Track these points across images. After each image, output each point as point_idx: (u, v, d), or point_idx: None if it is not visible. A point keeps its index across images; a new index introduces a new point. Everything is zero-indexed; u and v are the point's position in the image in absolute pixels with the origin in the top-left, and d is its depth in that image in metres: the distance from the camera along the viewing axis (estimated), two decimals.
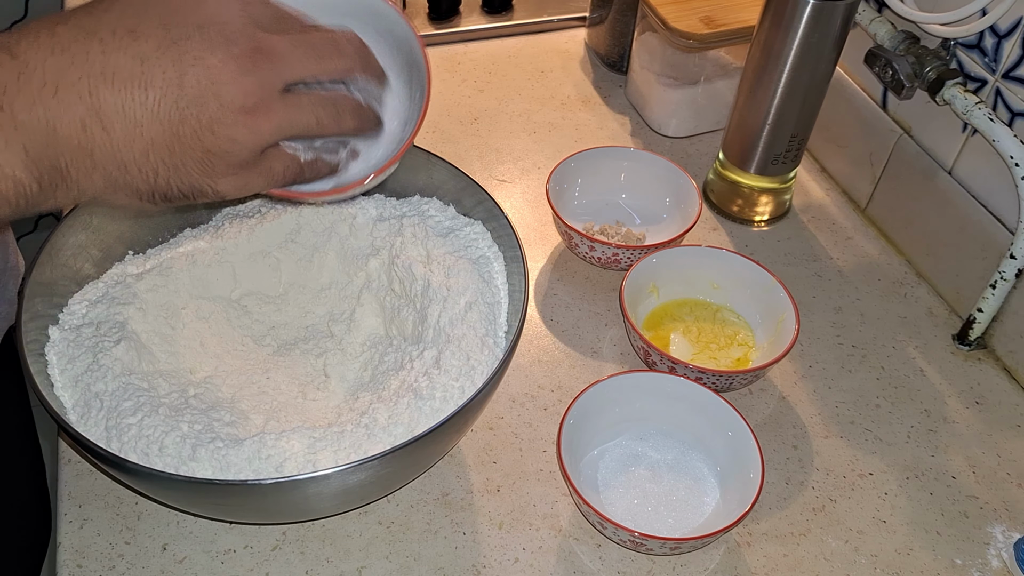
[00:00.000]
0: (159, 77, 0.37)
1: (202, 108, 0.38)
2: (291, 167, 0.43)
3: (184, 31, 0.38)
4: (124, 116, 0.37)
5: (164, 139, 0.38)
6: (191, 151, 0.39)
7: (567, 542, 0.56)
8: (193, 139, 0.38)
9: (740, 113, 0.74)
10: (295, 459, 0.48)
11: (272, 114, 0.40)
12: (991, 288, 0.66)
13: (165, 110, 0.38)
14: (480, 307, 0.56)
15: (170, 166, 0.39)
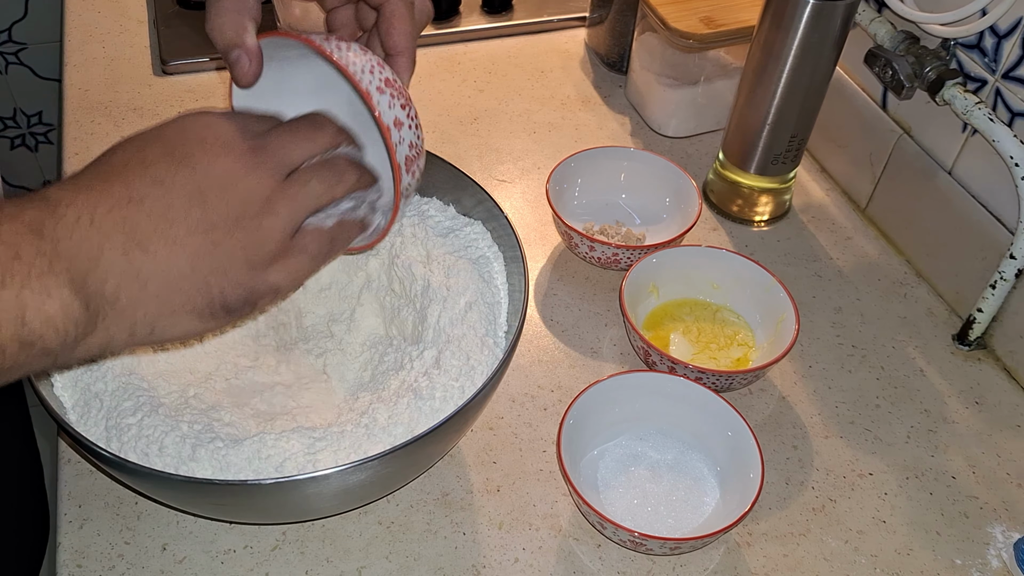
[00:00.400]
0: (180, 193, 0.39)
1: (227, 210, 0.40)
2: (323, 239, 0.45)
3: (187, 149, 0.40)
4: (161, 235, 0.39)
5: (204, 247, 0.40)
6: (231, 251, 0.41)
7: (567, 542, 0.56)
8: (228, 239, 0.40)
9: (740, 113, 0.74)
10: (295, 459, 0.48)
11: (286, 196, 0.42)
12: (991, 288, 0.66)
13: (196, 221, 0.40)
14: (480, 307, 0.56)
15: (219, 272, 0.40)
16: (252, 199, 0.41)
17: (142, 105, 0.86)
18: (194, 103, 0.87)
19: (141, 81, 0.89)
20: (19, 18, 1.34)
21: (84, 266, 0.37)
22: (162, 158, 0.40)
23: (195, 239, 0.40)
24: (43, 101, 1.44)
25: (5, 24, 1.33)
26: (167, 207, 0.39)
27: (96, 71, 0.90)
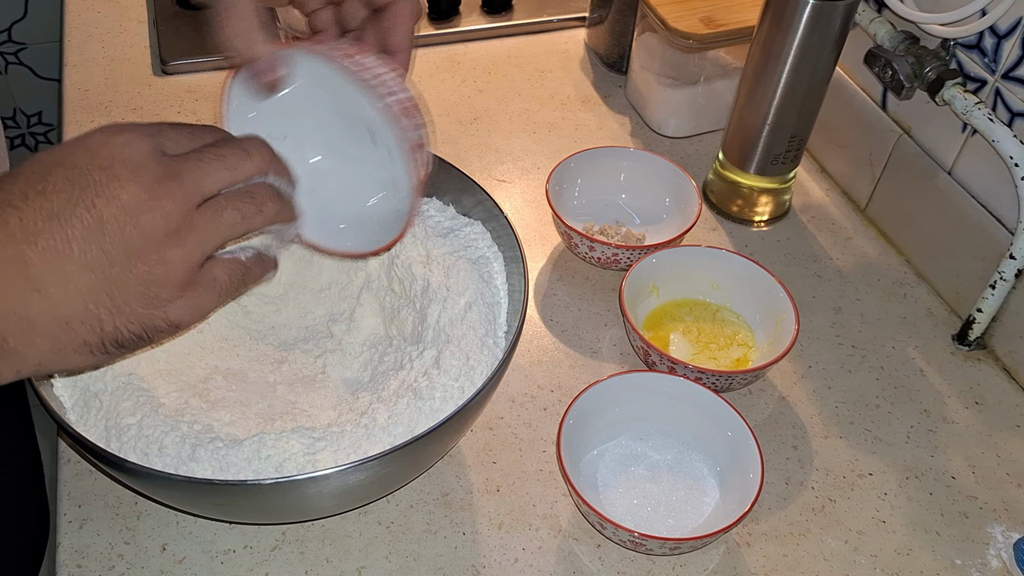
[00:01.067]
0: (78, 227, 0.37)
1: (127, 244, 0.38)
2: (235, 271, 0.43)
3: (91, 177, 0.38)
4: (56, 275, 0.37)
5: (100, 285, 0.38)
6: (130, 287, 0.39)
7: (567, 542, 0.56)
8: (127, 275, 0.38)
9: (740, 113, 0.74)
10: (295, 459, 0.48)
11: (195, 227, 0.40)
12: (991, 288, 0.66)
13: (93, 257, 0.38)
14: (480, 307, 0.56)
15: (113, 309, 0.39)
16: (156, 230, 0.39)
17: (142, 105, 0.86)
18: (194, 103, 0.87)
19: (141, 81, 0.89)
20: (19, 18, 1.34)
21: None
22: (63, 187, 0.38)
23: (91, 276, 0.38)
24: (43, 101, 1.45)
25: (5, 24, 1.33)
26: (64, 243, 0.37)
27: (96, 71, 0.90)
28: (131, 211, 0.38)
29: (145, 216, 0.38)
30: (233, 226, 0.41)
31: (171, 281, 0.40)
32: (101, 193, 0.38)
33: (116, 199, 0.38)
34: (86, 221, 0.37)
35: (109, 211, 0.38)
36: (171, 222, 0.39)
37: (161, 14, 0.95)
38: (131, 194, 0.38)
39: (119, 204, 0.38)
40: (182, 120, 0.84)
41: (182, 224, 0.39)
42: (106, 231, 0.38)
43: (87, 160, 0.38)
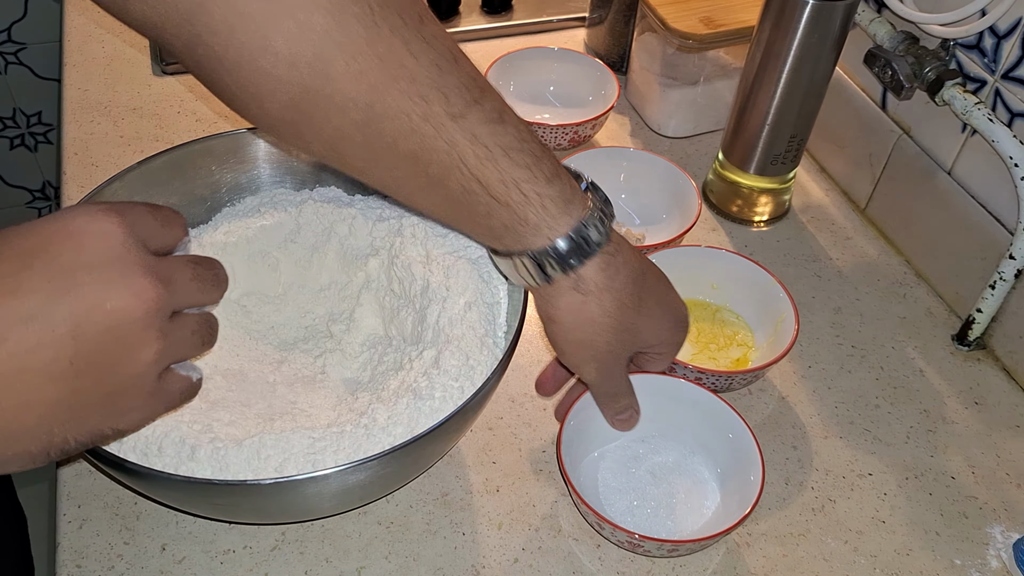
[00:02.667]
0: (48, 335, 0.34)
1: (102, 354, 0.35)
2: (185, 388, 0.41)
3: (72, 279, 0.34)
4: (14, 387, 0.33)
5: (61, 397, 0.35)
6: (93, 400, 0.36)
7: (566, 542, 0.56)
8: (93, 387, 0.36)
9: (739, 113, 0.74)
10: (294, 459, 0.48)
11: (169, 339, 0.38)
12: (990, 288, 0.66)
13: (60, 369, 0.34)
14: (479, 307, 0.56)
15: (67, 421, 0.36)
16: (134, 342, 0.36)
17: (141, 105, 0.86)
18: (193, 103, 0.87)
19: (141, 81, 0.89)
20: (19, 18, 1.34)
21: None
22: (39, 285, 0.34)
23: (52, 388, 0.34)
24: (42, 101, 1.44)
25: (5, 24, 1.33)
26: (31, 351, 0.33)
27: (95, 71, 0.90)
28: (111, 323, 0.35)
29: (125, 328, 0.35)
30: (194, 350, 0.40)
31: (137, 393, 0.37)
32: (83, 298, 0.34)
33: (99, 308, 0.35)
34: (60, 330, 0.34)
35: (89, 320, 0.34)
36: (150, 336, 0.36)
37: None
38: (116, 303, 0.35)
39: (101, 313, 0.35)
40: (182, 119, 0.84)
41: (158, 336, 0.37)
42: (80, 343, 0.34)
43: (71, 255, 0.34)
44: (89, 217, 0.35)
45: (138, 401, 0.38)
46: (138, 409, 0.38)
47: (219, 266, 0.42)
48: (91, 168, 0.79)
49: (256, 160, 0.64)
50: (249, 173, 0.65)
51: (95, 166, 0.79)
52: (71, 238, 0.35)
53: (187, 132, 0.83)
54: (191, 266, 0.39)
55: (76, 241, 0.35)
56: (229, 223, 0.62)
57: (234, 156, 0.64)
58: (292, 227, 0.62)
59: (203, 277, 0.40)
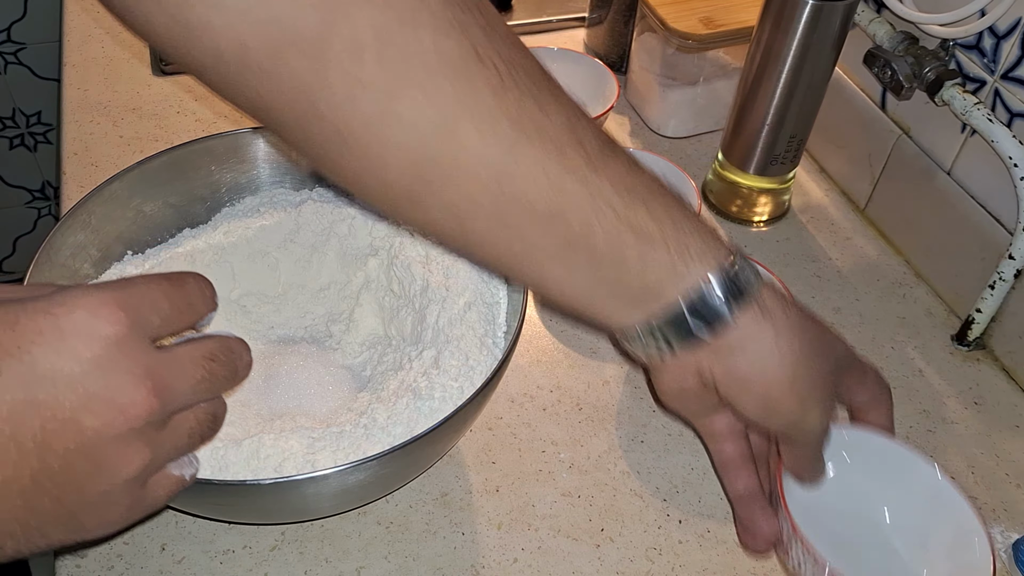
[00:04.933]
0: (11, 447, 0.30)
1: (68, 474, 0.31)
2: (175, 488, 0.37)
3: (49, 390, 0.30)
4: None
5: (14, 516, 0.31)
6: (51, 518, 0.32)
7: (566, 542, 0.56)
8: (54, 507, 0.32)
9: (739, 113, 0.74)
10: (294, 459, 0.48)
11: (157, 451, 0.34)
12: (990, 289, 0.66)
13: (16, 487, 0.30)
14: (479, 307, 0.56)
15: (19, 537, 0.32)
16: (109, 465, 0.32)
17: (141, 105, 0.86)
18: (193, 103, 0.87)
19: (140, 81, 0.89)
20: (18, 18, 1.34)
21: None
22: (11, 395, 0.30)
23: (7, 505, 0.31)
24: (42, 101, 1.45)
25: (4, 24, 1.33)
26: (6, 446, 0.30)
27: (95, 71, 0.90)
28: (86, 440, 0.31)
29: (104, 447, 0.31)
30: (192, 447, 0.36)
31: (110, 509, 0.34)
32: (58, 416, 0.30)
33: (74, 425, 0.31)
34: (24, 447, 0.30)
35: (59, 438, 0.30)
36: (132, 451, 0.32)
37: None
38: (94, 422, 0.31)
39: (75, 431, 0.31)
40: (181, 119, 0.84)
41: (143, 449, 0.33)
42: (46, 458, 0.30)
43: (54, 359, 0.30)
44: (89, 314, 0.31)
45: (110, 515, 0.34)
46: (110, 521, 0.34)
47: (244, 358, 0.38)
48: (91, 168, 0.79)
49: (256, 160, 0.64)
50: (249, 173, 0.65)
51: (95, 166, 0.79)
52: (61, 339, 0.30)
53: (187, 132, 0.83)
54: (204, 364, 0.35)
55: (65, 344, 0.30)
56: (229, 223, 0.62)
57: (234, 156, 0.64)
58: (292, 227, 0.62)
59: (216, 375, 0.36)
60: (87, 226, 0.57)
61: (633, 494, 0.59)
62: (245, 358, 0.38)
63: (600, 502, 0.58)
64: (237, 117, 0.85)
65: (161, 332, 0.34)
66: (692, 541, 0.56)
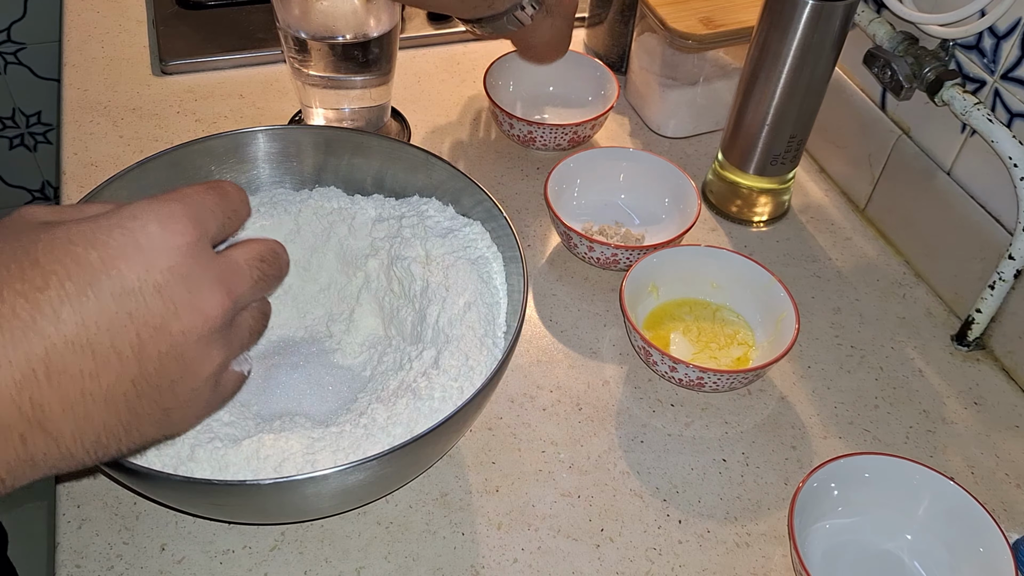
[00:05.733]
0: (114, 363, 0.33)
1: (164, 375, 0.34)
2: (239, 382, 0.40)
3: (140, 302, 0.33)
4: (73, 418, 0.32)
5: (119, 418, 0.34)
6: (151, 418, 0.35)
7: (566, 542, 0.56)
8: (152, 406, 0.35)
9: (739, 114, 0.74)
10: (293, 459, 0.48)
11: (230, 348, 0.37)
12: (990, 289, 0.66)
13: (121, 392, 0.33)
14: (479, 307, 0.56)
15: (123, 437, 0.35)
16: (199, 363, 0.35)
17: (141, 105, 0.86)
18: (193, 103, 0.87)
19: (140, 81, 0.89)
20: (18, 18, 1.34)
21: None
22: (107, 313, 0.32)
23: (112, 411, 0.33)
24: (42, 101, 1.45)
25: (4, 24, 1.33)
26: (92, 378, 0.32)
27: (95, 71, 0.90)
28: (177, 342, 0.34)
29: (191, 347, 0.35)
30: (252, 341, 0.40)
31: (195, 404, 0.37)
32: (150, 322, 0.33)
33: (165, 331, 0.33)
34: (125, 356, 0.33)
35: (154, 343, 0.33)
36: (213, 350, 0.36)
37: (161, 14, 0.95)
38: (183, 324, 0.34)
39: (167, 335, 0.34)
40: (181, 119, 0.84)
41: (221, 348, 0.36)
42: (144, 362, 0.33)
43: (140, 273, 0.33)
44: (160, 227, 0.34)
45: (195, 409, 0.37)
46: (194, 416, 0.38)
47: (284, 258, 0.41)
48: (90, 168, 0.79)
49: (256, 160, 0.64)
50: (249, 173, 0.65)
51: (94, 166, 0.79)
52: (140, 253, 0.33)
53: (187, 132, 0.83)
54: (257, 265, 0.38)
55: (145, 257, 0.33)
56: None
57: (234, 156, 0.64)
58: (291, 227, 0.62)
59: (267, 275, 0.39)
60: None
61: (633, 494, 0.59)
62: (285, 257, 0.41)
63: (600, 502, 0.58)
64: (237, 117, 0.85)
65: (217, 238, 0.37)
66: (692, 541, 0.56)
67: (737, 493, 0.59)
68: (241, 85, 0.89)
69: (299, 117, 0.83)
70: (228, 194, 0.38)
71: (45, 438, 0.32)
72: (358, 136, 0.64)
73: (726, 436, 0.62)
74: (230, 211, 0.37)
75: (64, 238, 0.32)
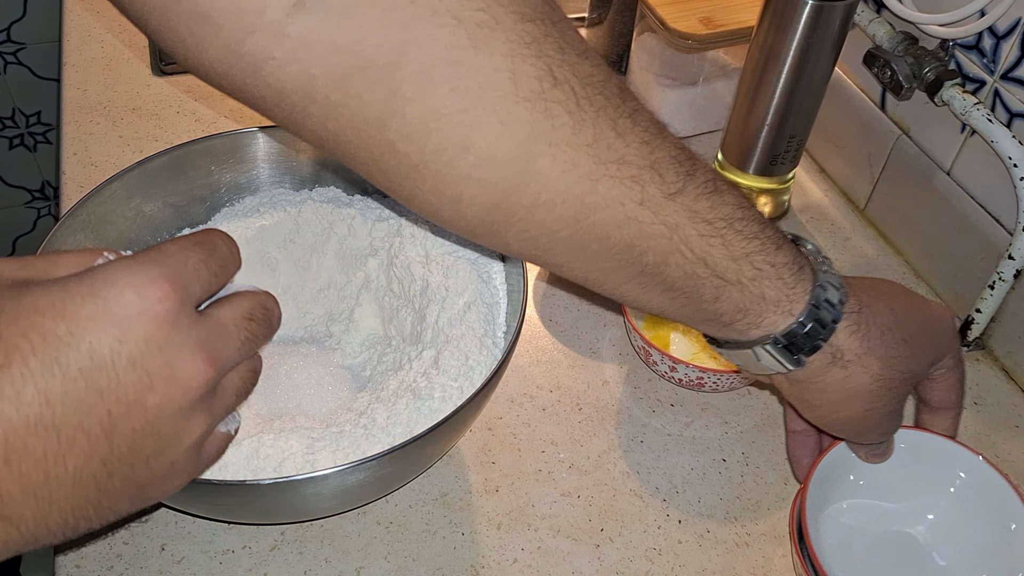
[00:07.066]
0: (81, 443, 0.30)
1: (138, 452, 0.32)
2: (223, 446, 0.38)
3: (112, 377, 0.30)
4: (37, 502, 0.30)
5: (87, 500, 0.31)
6: (122, 495, 0.33)
7: (566, 542, 0.56)
8: (125, 485, 0.32)
9: (739, 114, 0.74)
10: (293, 459, 0.48)
11: (214, 415, 0.35)
12: (989, 289, 0.66)
13: (88, 473, 0.31)
14: (479, 307, 0.56)
15: (92, 516, 0.32)
16: (176, 439, 0.33)
17: (141, 105, 0.86)
18: (193, 103, 0.87)
19: (140, 81, 0.89)
20: (18, 18, 1.34)
21: None
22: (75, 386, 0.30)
23: (80, 492, 0.31)
24: (42, 101, 1.44)
25: (4, 24, 1.33)
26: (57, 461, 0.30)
27: (95, 71, 0.90)
28: (153, 417, 0.32)
29: (169, 420, 0.32)
30: (238, 402, 0.37)
31: (174, 476, 0.34)
32: (123, 399, 0.30)
33: (140, 406, 0.31)
34: (94, 435, 0.30)
35: (126, 421, 0.31)
36: (194, 421, 0.33)
37: None
38: (159, 398, 0.31)
39: (141, 411, 0.31)
40: (181, 119, 0.84)
41: (203, 417, 0.34)
42: (116, 442, 0.31)
43: (112, 345, 0.30)
44: (137, 294, 0.31)
45: (175, 481, 0.35)
46: (173, 487, 0.35)
47: (276, 312, 0.38)
48: (90, 168, 0.79)
49: (255, 160, 0.64)
50: (248, 173, 0.65)
51: (94, 166, 0.79)
52: (113, 324, 0.30)
53: (186, 132, 0.83)
54: (245, 326, 0.35)
55: (119, 329, 0.30)
56: (228, 223, 0.62)
57: (233, 156, 0.64)
58: (291, 227, 0.62)
59: (256, 335, 0.36)
60: (87, 226, 0.57)
61: (633, 494, 0.59)
62: (277, 312, 0.38)
63: (600, 502, 0.58)
64: (237, 117, 0.85)
65: (202, 298, 0.34)
66: (692, 541, 0.56)
67: (737, 493, 0.59)
68: None
69: None
70: (215, 249, 0.35)
71: (4, 524, 0.30)
72: None
73: (726, 436, 0.62)
74: (216, 267, 0.34)
75: (30, 307, 0.29)
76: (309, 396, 0.57)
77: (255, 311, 0.36)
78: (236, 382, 0.36)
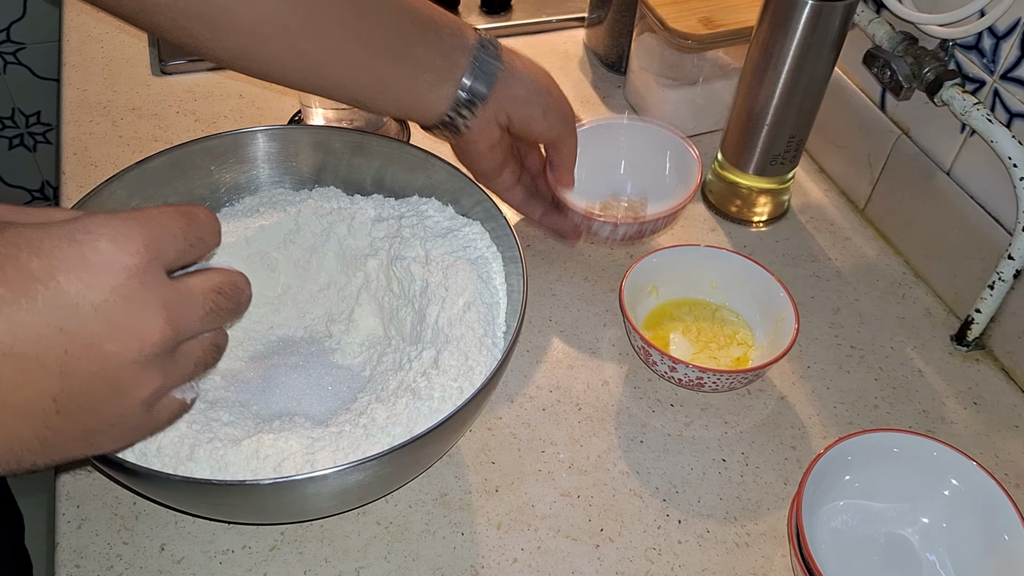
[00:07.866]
0: (36, 373, 0.31)
1: (88, 396, 0.33)
2: (177, 411, 0.38)
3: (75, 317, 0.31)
4: None
5: (34, 433, 0.32)
6: (68, 435, 0.33)
7: (566, 542, 0.56)
8: (72, 426, 0.33)
9: (738, 114, 0.74)
10: (293, 459, 0.48)
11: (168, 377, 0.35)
12: (989, 289, 0.66)
13: (39, 407, 0.32)
14: (478, 307, 0.56)
15: (37, 451, 0.33)
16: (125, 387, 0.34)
17: (141, 105, 0.86)
18: (192, 103, 0.87)
19: (140, 81, 0.89)
20: (18, 18, 1.34)
21: None
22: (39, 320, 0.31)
23: (28, 424, 0.32)
24: (41, 101, 1.44)
25: (4, 24, 1.33)
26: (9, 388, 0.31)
27: (95, 71, 0.90)
28: (107, 364, 0.32)
29: (122, 370, 0.33)
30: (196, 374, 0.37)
31: (121, 428, 0.35)
32: (81, 339, 0.31)
33: (96, 349, 0.32)
34: (50, 370, 0.31)
35: (82, 360, 0.32)
36: (147, 376, 0.34)
37: None
38: (115, 346, 0.32)
39: (97, 355, 0.32)
40: (181, 119, 0.84)
41: (156, 375, 0.34)
42: (69, 382, 0.32)
43: (81, 288, 0.31)
44: (112, 244, 0.32)
45: (121, 433, 0.36)
46: (119, 440, 0.36)
47: (246, 292, 0.39)
48: (90, 168, 0.79)
49: (255, 160, 0.64)
50: (248, 173, 0.65)
51: (94, 166, 0.79)
52: (85, 269, 0.31)
53: (186, 132, 0.83)
54: (212, 296, 0.36)
55: (90, 273, 0.31)
56: (228, 223, 0.62)
57: (233, 156, 0.64)
58: (291, 227, 0.62)
59: (222, 308, 0.37)
60: None
61: (632, 494, 0.59)
62: (247, 292, 0.39)
63: (599, 502, 0.58)
64: (237, 117, 0.85)
65: (174, 265, 0.35)
66: (691, 541, 0.56)
67: (737, 493, 0.59)
68: (241, 85, 0.89)
69: (299, 117, 0.83)
70: (196, 220, 0.36)
71: None
72: (358, 136, 0.64)
73: (726, 436, 0.62)
74: (194, 238, 0.36)
75: (10, 241, 0.31)
76: (309, 396, 0.57)
77: (224, 286, 0.37)
78: (197, 351, 0.37)
